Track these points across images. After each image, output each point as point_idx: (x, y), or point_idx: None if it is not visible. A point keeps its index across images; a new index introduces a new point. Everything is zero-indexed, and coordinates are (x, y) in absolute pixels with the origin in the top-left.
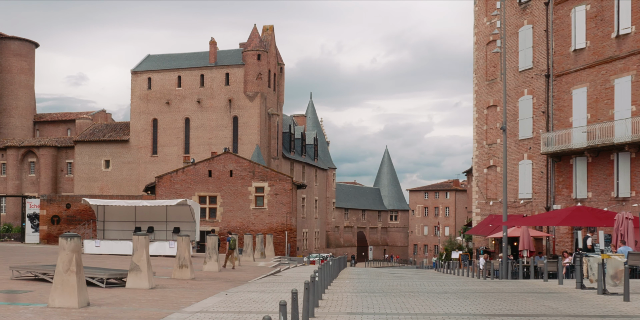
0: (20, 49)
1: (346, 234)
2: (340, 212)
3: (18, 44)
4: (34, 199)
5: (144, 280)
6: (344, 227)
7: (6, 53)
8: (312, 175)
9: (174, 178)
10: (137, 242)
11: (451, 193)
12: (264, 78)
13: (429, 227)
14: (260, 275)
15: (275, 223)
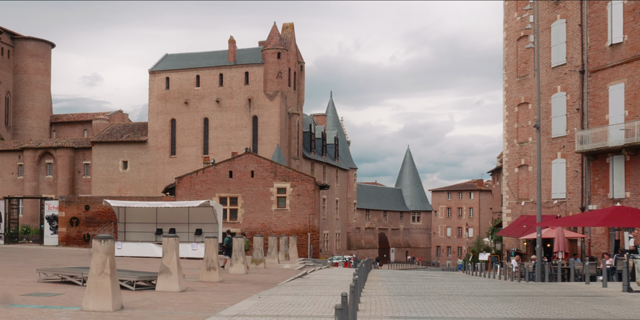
0: (36, 49)
1: (367, 235)
2: (361, 213)
3: (34, 45)
4: (52, 200)
5: (174, 283)
6: (365, 228)
7: (22, 53)
8: (332, 176)
9: (194, 179)
10: (167, 244)
11: (475, 193)
12: (284, 77)
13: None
14: (289, 277)
15: (297, 224)
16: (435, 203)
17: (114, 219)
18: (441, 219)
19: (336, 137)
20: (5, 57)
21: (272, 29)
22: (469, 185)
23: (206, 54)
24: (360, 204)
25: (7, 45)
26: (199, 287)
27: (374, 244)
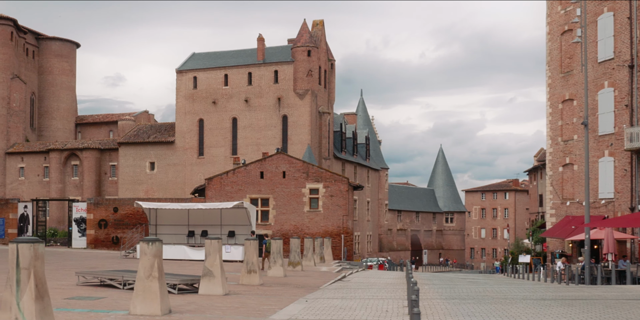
0: (61, 49)
1: (399, 237)
2: (393, 214)
3: (59, 45)
4: (80, 202)
5: (217, 286)
6: (397, 230)
7: (47, 54)
8: (364, 176)
9: (224, 180)
10: (210, 247)
11: (510, 193)
12: (314, 75)
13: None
14: (329, 280)
15: (330, 226)
16: (469, 204)
17: (143, 221)
18: (475, 220)
19: (367, 136)
20: (30, 58)
21: (302, 26)
22: (503, 185)
23: (234, 53)
24: (391, 204)
25: (32, 45)
26: (240, 290)
27: (406, 246)
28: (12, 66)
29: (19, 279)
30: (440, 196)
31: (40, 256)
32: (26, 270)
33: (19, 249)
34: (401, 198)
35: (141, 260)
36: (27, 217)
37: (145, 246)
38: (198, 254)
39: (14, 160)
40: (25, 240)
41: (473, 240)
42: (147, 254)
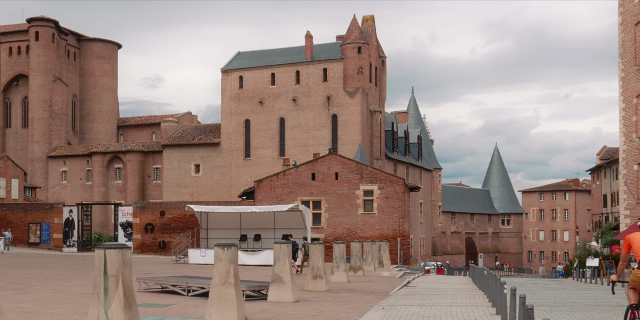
0: (102, 50)
1: (453, 240)
2: (446, 216)
3: (101, 46)
4: (126, 206)
5: (287, 292)
6: (451, 232)
7: (89, 55)
8: (416, 177)
9: (275, 182)
10: (279, 251)
11: (570, 194)
12: (365, 72)
13: (545, 231)
14: (395, 286)
15: (386, 229)
16: (526, 205)
17: (191, 225)
18: (533, 221)
19: (419, 135)
20: (72, 60)
21: (352, 22)
22: (563, 185)
23: (281, 51)
24: (445, 206)
25: (73, 47)
26: (309, 297)
27: (460, 250)
28: (53, 68)
29: (106, 287)
30: (496, 197)
31: (128, 263)
32: (114, 278)
33: (107, 255)
34: (455, 199)
35: (216, 266)
36: (72, 222)
37: (220, 251)
38: (252, 259)
39: (57, 164)
40: (113, 246)
41: (531, 243)
42: (222, 260)
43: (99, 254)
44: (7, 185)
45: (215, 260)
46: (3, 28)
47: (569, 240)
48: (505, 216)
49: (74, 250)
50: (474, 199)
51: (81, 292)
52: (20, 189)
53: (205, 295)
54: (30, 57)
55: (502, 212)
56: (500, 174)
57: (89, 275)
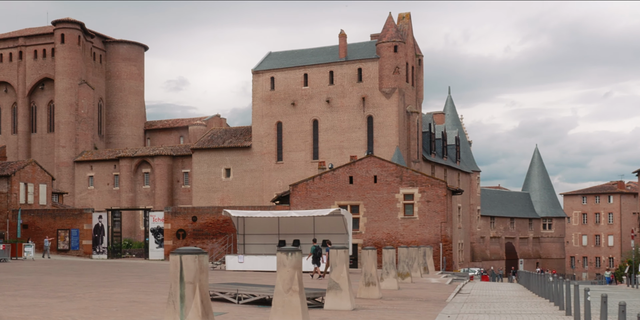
0: (129, 53)
1: (493, 245)
2: (485, 220)
3: (127, 48)
4: (157, 212)
5: (345, 300)
6: (490, 237)
7: (115, 58)
8: (454, 180)
9: (310, 186)
10: (337, 257)
11: (615, 196)
12: (402, 72)
13: (589, 236)
14: (448, 293)
15: (427, 234)
16: (568, 208)
17: (224, 230)
18: (575, 226)
19: (457, 137)
20: (98, 62)
21: (387, 20)
22: (607, 188)
23: (314, 51)
24: (484, 210)
25: (99, 49)
26: (364, 304)
27: (500, 255)
28: (79, 71)
29: (183, 295)
30: (536, 200)
31: (205, 269)
32: (191, 285)
33: (183, 261)
34: (494, 203)
35: (279, 273)
36: (102, 228)
37: (284, 257)
38: None
39: (83, 169)
40: (189, 251)
41: (573, 248)
42: (286, 266)
43: (175, 260)
44: (35, 191)
45: (278, 267)
46: (28, 31)
47: (613, 245)
48: (547, 220)
49: (104, 257)
50: (513, 202)
51: (127, 300)
52: (48, 194)
53: (256, 303)
54: (56, 60)
55: (544, 216)
56: (541, 176)
57: (128, 282)
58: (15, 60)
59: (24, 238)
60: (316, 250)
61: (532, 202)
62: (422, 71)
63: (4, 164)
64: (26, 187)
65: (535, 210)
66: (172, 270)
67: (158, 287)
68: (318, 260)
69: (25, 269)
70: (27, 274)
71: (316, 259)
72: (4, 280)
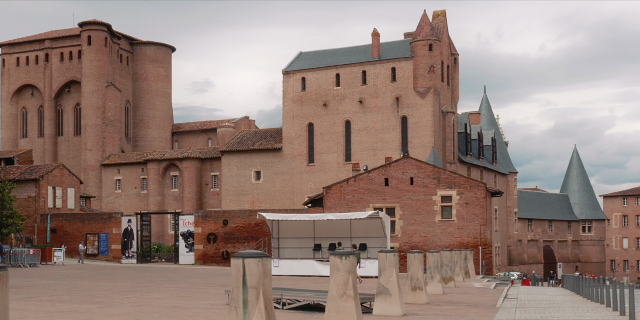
0: (156, 54)
1: (530, 248)
2: (522, 223)
3: (154, 49)
4: (187, 215)
5: (395, 305)
6: (528, 240)
7: (142, 59)
8: (491, 181)
9: (345, 188)
10: (385, 261)
11: None
12: (437, 71)
13: (630, 239)
14: (495, 298)
15: (466, 237)
16: (608, 210)
17: (255, 234)
18: (616, 228)
19: (493, 137)
20: (124, 64)
21: (422, 18)
22: None
23: (345, 50)
24: (521, 213)
25: (126, 51)
26: (413, 309)
27: (538, 259)
28: (106, 73)
29: (246, 300)
30: (575, 202)
31: (269, 273)
32: (254, 290)
33: (246, 265)
34: (531, 205)
35: (333, 277)
36: (131, 232)
37: (337, 261)
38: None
39: (110, 173)
40: (252, 254)
41: (614, 251)
42: (340, 270)
43: (237, 264)
44: (63, 195)
45: (331, 271)
46: (54, 33)
47: None
48: (586, 223)
49: (133, 262)
50: (551, 204)
51: (167, 306)
52: (77, 198)
53: (302, 308)
54: (82, 63)
55: (583, 219)
56: (580, 177)
57: (164, 287)
58: (41, 63)
59: (53, 242)
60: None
61: (570, 204)
62: (458, 70)
63: (32, 168)
64: (54, 191)
65: (574, 213)
66: (234, 275)
67: (196, 292)
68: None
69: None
70: (59, 279)
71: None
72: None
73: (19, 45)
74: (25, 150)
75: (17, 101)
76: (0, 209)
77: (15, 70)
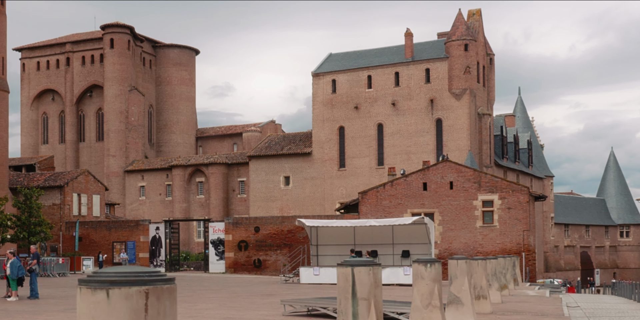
0: (179, 57)
1: (567, 254)
2: (559, 228)
3: (177, 52)
4: (217, 222)
5: (468, 315)
6: (565, 246)
7: (165, 62)
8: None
9: (381, 193)
10: (457, 268)
11: None
12: (472, 72)
13: None
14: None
15: (508, 243)
16: None
17: (289, 241)
18: None
19: (529, 140)
20: (147, 68)
21: (457, 17)
22: None
23: (377, 51)
24: (557, 218)
25: (149, 54)
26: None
27: (575, 265)
28: (129, 77)
29: (355, 313)
30: (613, 207)
31: (379, 283)
32: (365, 301)
33: (355, 274)
34: (567, 210)
35: (416, 286)
36: (159, 240)
37: (422, 268)
38: None
39: (134, 179)
40: (361, 262)
41: None
42: (424, 278)
43: (345, 273)
44: (88, 202)
45: (415, 279)
46: (75, 36)
47: None
48: (624, 228)
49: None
50: (588, 209)
51: (221, 317)
52: (102, 205)
53: None
54: (105, 66)
55: (621, 223)
56: (617, 181)
57: (207, 297)
58: (62, 67)
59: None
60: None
61: (607, 209)
62: (494, 71)
63: (56, 175)
64: (79, 198)
65: (611, 217)
66: (341, 285)
67: (244, 303)
68: None
69: None
70: None
71: None
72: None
73: (40, 49)
74: (47, 157)
75: (37, 106)
76: (28, 216)
77: (35, 75)
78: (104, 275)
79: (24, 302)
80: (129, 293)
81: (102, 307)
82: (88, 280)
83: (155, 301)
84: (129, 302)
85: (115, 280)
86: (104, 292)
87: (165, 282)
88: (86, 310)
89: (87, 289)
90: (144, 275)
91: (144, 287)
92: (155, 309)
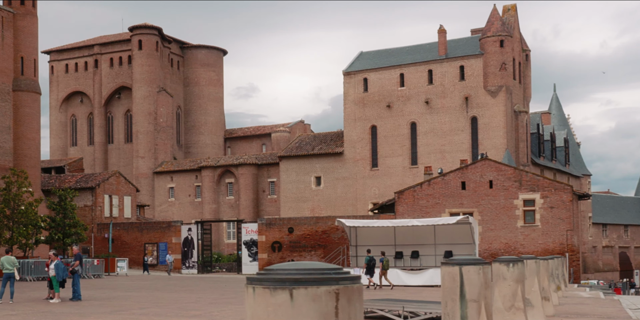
0: (207, 58)
1: (605, 255)
2: (597, 228)
3: (205, 53)
4: (250, 223)
5: (538, 318)
6: (603, 247)
7: (193, 63)
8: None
9: (418, 193)
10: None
11: None
12: (508, 68)
13: None
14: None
15: (551, 243)
16: None
17: (323, 242)
18: None
19: (566, 138)
20: (175, 69)
21: (492, 13)
22: None
23: (410, 48)
24: (595, 217)
25: (177, 55)
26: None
27: (613, 266)
28: (157, 79)
29: (464, 316)
30: None
31: (490, 284)
32: (475, 303)
33: (464, 274)
34: (605, 209)
35: (498, 287)
36: (191, 241)
37: (504, 269)
38: (414, 279)
39: (163, 180)
40: (469, 261)
41: None
42: (507, 279)
43: (452, 272)
44: (119, 203)
45: (496, 280)
46: (103, 38)
47: None
48: None
49: (194, 272)
50: (626, 208)
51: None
52: (133, 207)
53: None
54: (133, 68)
55: None
56: None
57: None
58: (90, 69)
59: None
60: (370, 260)
61: None
62: (530, 67)
63: (87, 176)
64: (110, 199)
65: None
66: (447, 286)
67: None
68: (372, 271)
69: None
70: (135, 290)
71: (370, 269)
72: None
73: (68, 51)
74: (76, 159)
75: (66, 109)
76: (63, 218)
77: (64, 78)
78: (282, 273)
79: (67, 304)
80: (317, 294)
81: (284, 310)
82: (262, 278)
83: (345, 304)
84: (317, 305)
85: (300, 279)
86: (286, 293)
87: (354, 281)
88: (263, 314)
89: (264, 289)
90: (331, 272)
91: (334, 287)
92: (346, 312)
